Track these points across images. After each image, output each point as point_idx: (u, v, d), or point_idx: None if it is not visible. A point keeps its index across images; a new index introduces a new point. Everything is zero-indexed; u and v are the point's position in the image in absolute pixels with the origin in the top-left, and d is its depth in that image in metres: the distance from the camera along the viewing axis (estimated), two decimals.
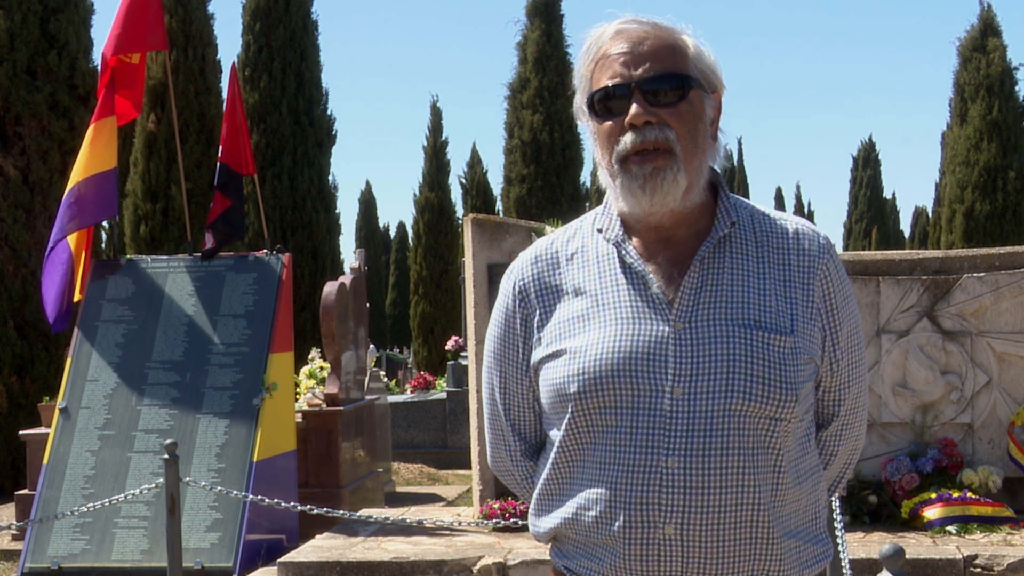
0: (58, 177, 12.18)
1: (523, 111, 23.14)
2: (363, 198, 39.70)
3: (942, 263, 6.86)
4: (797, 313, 1.97)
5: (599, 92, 1.97)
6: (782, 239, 2.02)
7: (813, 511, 2.03)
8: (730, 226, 2.00)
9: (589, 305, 2.00)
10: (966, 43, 22.27)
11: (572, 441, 1.99)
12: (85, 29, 12.80)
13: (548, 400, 2.02)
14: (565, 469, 2.01)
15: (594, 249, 2.05)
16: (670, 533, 1.90)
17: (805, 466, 2.01)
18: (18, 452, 10.87)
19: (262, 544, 7.31)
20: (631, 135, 1.94)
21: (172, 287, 8.13)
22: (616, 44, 1.97)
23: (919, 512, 6.41)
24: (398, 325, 35.75)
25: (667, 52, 1.96)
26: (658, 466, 1.90)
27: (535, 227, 7.04)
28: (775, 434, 1.93)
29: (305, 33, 17.72)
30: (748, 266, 1.99)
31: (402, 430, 13.80)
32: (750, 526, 1.91)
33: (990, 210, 21.24)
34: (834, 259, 2.04)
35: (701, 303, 1.95)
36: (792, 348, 1.95)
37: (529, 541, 6.35)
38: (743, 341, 1.92)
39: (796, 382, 1.94)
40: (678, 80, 1.95)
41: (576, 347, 1.97)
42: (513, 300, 2.09)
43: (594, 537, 1.96)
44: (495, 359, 2.13)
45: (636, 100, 1.93)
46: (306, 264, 16.90)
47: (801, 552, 1.99)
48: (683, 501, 1.89)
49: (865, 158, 39.02)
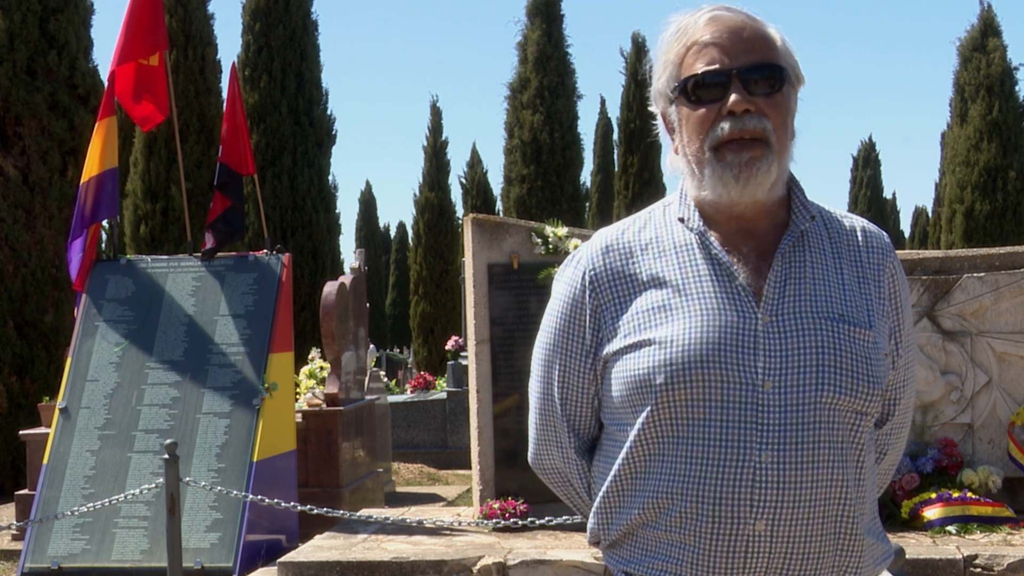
0: (58, 177, 12.19)
1: (523, 111, 23.14)
2: (363, 198, 39.71)
3: (942, 263, 6.85)
4: (873, 308, 1.98)
5: (694, 78, 1.94)
6: (852, 236, 2.04)
7: (875, 509, 2.03)
8: (810, 220, 2.00)
9: (671, 295, 1.95)
10: (966, 43, 22.28)
11: (652, 435, 1.93)
12: (85, 29, 12.79)
13: (625, 393, 1.96)
14: (641, 464, 1.96)
15: (670, 239, 2.01)
16: (760, 529, 1.86)
17: (871, 463, 2.00)
18: (18, 452, 10.87)
19: (262, 544, 7.31)
20: (729, 122, 1.91)
21: (172, 287, 8.13)
22: (712, 30, 1.94)
23: (919, 512, 6.41)
24: (398, 325, 35.75)
25: (763, 42, 1.95)
26: (751, 461, 1.86)
27: (535, 227, 7.04)
28: (860, 428, 1.92)
29: (305, 33, 17.72)
30: (826, 260, 1.99)
31: (402, 430, 13.80)
32: (836, 521, 1.90)
33: (990, 210, 21.24)
34: (897, 258, 2.07)
35: (786, 295, 1.93)
36: (873, 342, 1.95)
37: (529, 541, 6.35)
38: (831, 334, 1.91)
39: (880, 376, 1.94)
40: (776, 71, 1.94)
41: (662, 337, 1.92)
42: (582, 290, 2.03)
43: (674, 534, 1.91)
44: (555, 351, 2.07)
45: (735, 88, 1.91)
46: (306, 264, 16.91)
47: (875, 549, 1.99)
48: (776, 497, 1.86)
49: (865, 158, 38.99)
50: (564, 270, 2.09)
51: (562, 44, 23.37)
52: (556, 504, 6.27)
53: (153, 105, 8.49)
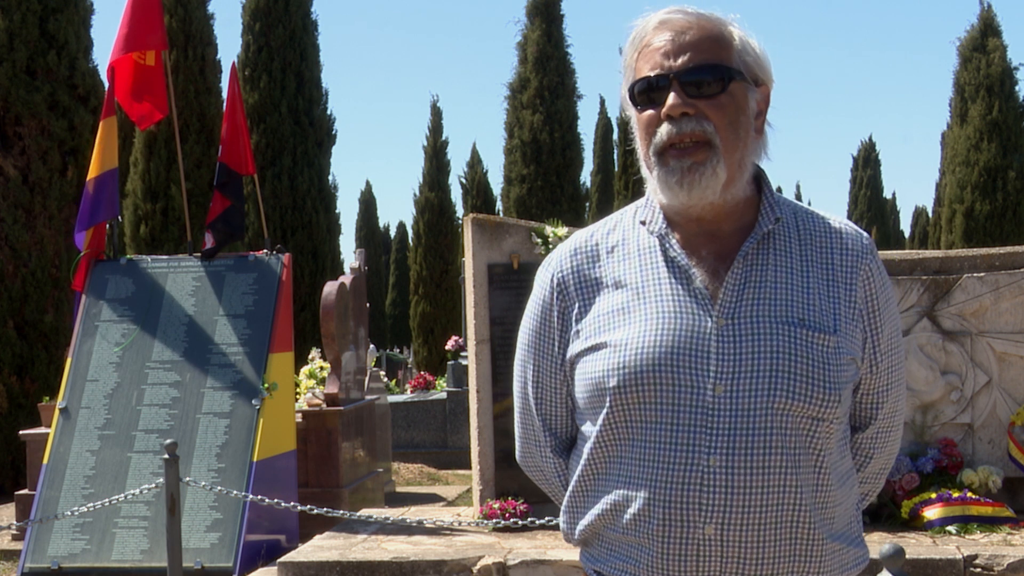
0: (58, 177, 12.19)
1: (523, 111, 23.14)
2: (363, 198, 39.70)
3: (942, 263, 6.85)
4: (840, 313, 1.95)
5: (640, 82, 1.94)
6: (825, 237, 1.99)
7: (852, 514, 2.01)
8: (774, 222, 1.97)
9: (630, 298, 1.97)
10: (966, 43, 22.28)
11: (609, 437, 1.95)
12: (85, 29, 12.80)
13: (585, 394, 1.98)
14: (601, 466, 1.98)
15: (635, 242, 2.02)
16: (710, 533, 1.87)
17: (844, 468, 1.99)
18: (18, 452, 10.87)
19: (262, 544, 7.31)
20: (667, 126, 1.91)
21: (172, 287, 8.13)
22: (659, 34, 1.95)
23: (919, 512, 6.41)
24: (398, 325, 35.75)
25: (709, 43, 1.93)
26: (699, 464, 1.87)
27: (535, 227, 7.04)
28: (817, 434, 1.90)
29: (305, 33, 17.73)
30: (792, 263, 1.96)
31: (402, 430, 13.80)
32: (792, 527, 1.89)
33: (990, 210, 21.24)
34: (876, 260, 2.01)
35: (745, 299, 1.92)
36: (835, 348, 1.92)
37: (529, 541, 6.35)
38: (787, 339, 1.89)
39: (839, 382, 1.91)
40: (719, 71, 1.92)
41: (617, 340, 1.94)
42: (551, 292, 2.06)
43: (631, 536, 1.92)
44: (529, 352, 2.11)
45: (674, 91, 1.91)
46: (306, 264, 16.91)
47: (843, 555, 1.97)
48: (724, 501, 1.86)
49: (865, 158, 39.00)
50: (539, 272, 2.12)
51: (562, 44, 23.37)
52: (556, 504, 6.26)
53: (151, 104, 8.48)
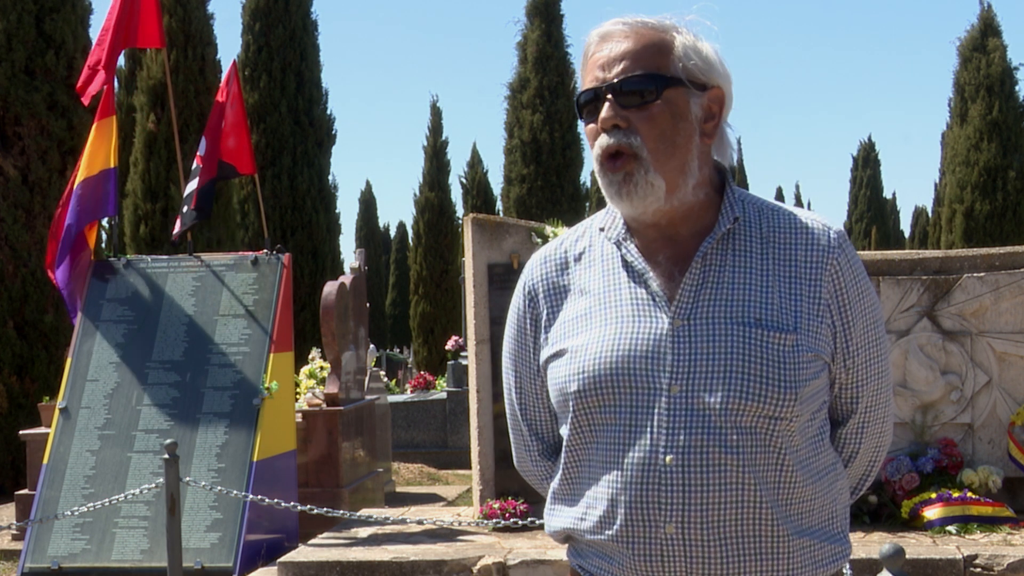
0: (58, 177, 12.19)
1: (523, 111, 23.14)
2: (363, 198, 39.70)
3: (942, 263, 6.85)
4: (802, 310, 1.95)
5: (581, 95, 1.99)
6: (789, 234, 1.99)
7: (831, 509, 2.01)
8: (732, 222, 1.98)
9: (592, 304, 2.01)
10: (966, 43, 22.28)
11: (577, 441, 2.00)
12: (83, 28, 12.80)
13: (554, 400, 2.04)
14: (573, 469, 2.02)
15: (600, 248, 2.05)
16: (671, 532, 1.89)
17: (819, 464, 1.99)
18: (18, 452, 10.87)
19: (262, 544, 7.31)
20: (604, 137, 1.95)
21: (172, 287, 8.13)
22: (600, 46, 1.98)
23: (919, 512, 6.41)
24: (398, 325, 35.75)
25: (643, 52, 1.94)
26: (656, 464, 1.89)
27: (535, 227, 7.04)
28: (776, 433, 1.91)
29: (305, 33, 17.74)
30: (751, 263, 1.97)
31: (402, 430, 13.80)
32: (753, 524, 1.90)
33: (990, 210, 21.24)
34: (846, 254, 1.99)
35: (701, 300, 1.94)
36: (794, 346, 1.92)
37: (529, 541, 6.35)
38: (742, 339, 1.91)
39: (797, 381, 1.91)
40: (649, 81, 1.93)
41: (576, 346, 1.98)
42: (524, 300, 2.11)
43: (599, 537, 1.95)
44: (510, 359, 2.15)
45: (608, 103, 1.94)
46: (306, 264, 16.92)
47: (816, 551, 1.97)
48: (682, 499, 1.88)
49: (865, 158, 39.01)
50: (519, 279, 2.16)
51: (562, 44, 23.36)
52: None
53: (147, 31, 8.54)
